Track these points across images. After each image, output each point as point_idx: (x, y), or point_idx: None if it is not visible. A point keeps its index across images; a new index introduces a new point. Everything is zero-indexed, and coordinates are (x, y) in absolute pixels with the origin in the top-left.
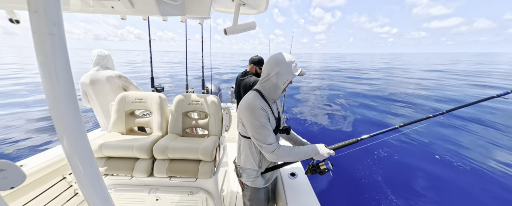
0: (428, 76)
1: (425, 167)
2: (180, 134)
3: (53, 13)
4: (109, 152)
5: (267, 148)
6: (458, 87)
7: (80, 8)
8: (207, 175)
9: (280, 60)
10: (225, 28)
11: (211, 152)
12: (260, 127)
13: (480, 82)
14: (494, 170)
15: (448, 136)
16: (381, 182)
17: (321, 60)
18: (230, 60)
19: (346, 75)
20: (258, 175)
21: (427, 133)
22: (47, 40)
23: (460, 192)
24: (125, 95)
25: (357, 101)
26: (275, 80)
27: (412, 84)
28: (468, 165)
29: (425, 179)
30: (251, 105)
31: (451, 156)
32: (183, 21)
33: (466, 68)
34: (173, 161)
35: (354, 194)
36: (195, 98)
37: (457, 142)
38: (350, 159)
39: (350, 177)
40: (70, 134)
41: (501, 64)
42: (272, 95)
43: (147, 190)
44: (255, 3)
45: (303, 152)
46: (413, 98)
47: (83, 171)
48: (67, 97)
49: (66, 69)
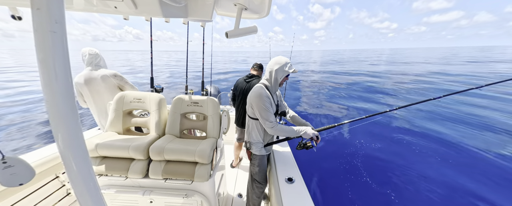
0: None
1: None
2: (178, 135)
3: (55, 11)
4: (105, 152)
5: (269, 125)
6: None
7: (84, 7)
8: (203, 177)
9: (278, 61)
10: (227, 32)
11: (208, 154)
12: (265, 109)
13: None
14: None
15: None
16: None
17: (320, 57)
18: (229, 60)
19: (332, 71)
20: (262, 146)
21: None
22: (48, 38)
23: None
24: (124, 95)
25: (351, 93)
26: (275, 75)
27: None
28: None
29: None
30: (261, 93)
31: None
32: (185, 23)
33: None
34: (169, 163)
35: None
36: (194, 100)
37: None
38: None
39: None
40: (66, 132)
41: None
42: (274, 87)
43: (142, 192)
44: (257, 8)
45: (295, 130)
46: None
47: (76, 170)
48: (64, 95)
49: (66, 67)
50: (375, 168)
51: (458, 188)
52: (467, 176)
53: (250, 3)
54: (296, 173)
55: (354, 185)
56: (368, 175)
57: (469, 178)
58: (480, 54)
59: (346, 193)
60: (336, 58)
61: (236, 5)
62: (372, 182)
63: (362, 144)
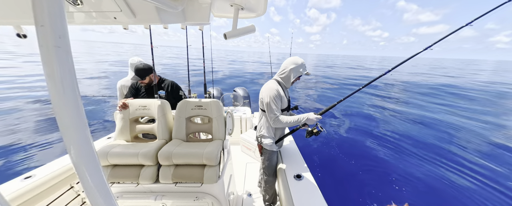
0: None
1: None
2: (184, 139)
3: (58, 26)
4: (115, 160)
5: (271, 116)
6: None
7: (84, 20)
8: (212, 179)
9: (295, 61)
10: (225, 33)
11: (216, 156)
12: (272, 102)
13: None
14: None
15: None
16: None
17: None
18: (225, 58)
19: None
20: (273, 142)
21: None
22: (53, 53)
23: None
24: (129, 103)
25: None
26: (289, 73)
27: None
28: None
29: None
30: (271, 87)
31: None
32: (183, 28)
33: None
34: (178, 167)
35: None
36: (198, 103)
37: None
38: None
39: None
40: (77, 144)
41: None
42: (286, 84)
43: (153, 197)
44: (253, 7)
45: (296, 119)
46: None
47: (90, 180)
48: (73, 108)
49: (72, 80)
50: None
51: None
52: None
53: (246, 3)
54: (304, 170)
55: (368, 179)
56: (384, 169)
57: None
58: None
59: (359, 188)
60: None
61: (233, 5)
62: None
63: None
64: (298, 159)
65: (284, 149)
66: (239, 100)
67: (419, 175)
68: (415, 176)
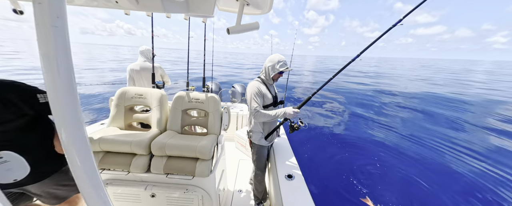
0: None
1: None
2: (179, 131)
3: (56, 5)
4: (107, 147)
5: (252, 111)
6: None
7: (84, 1)
8: (204, 173)
9: (271, 59)
10: (228, 28)
11: (209, 150)
12: (252, 98)
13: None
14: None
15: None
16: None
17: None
18: (224, 59)
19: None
20: (262, 137)
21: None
22: (50, 33)
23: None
24: (125, 90)
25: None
26: (267, 71)
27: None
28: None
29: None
30: (252, 85)
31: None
32: (186, 19)
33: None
34: (171, 158)
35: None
36: (195, 96)
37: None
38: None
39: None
40: (69, 126)
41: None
42: (268, 81)
43: (144, 186)
44: (259, 4)
45: (274, 113)
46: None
47: (80, 164)
48: (67, 89)
49: (68, 62)
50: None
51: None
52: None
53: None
54: (296, 170)
55: (358, 182)
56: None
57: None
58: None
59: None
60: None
61: (238, 0)
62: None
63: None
64: (290, 158)
65: (277, 146)
66: (237, 96)
67: (404, 174)
68: (400, 173)
